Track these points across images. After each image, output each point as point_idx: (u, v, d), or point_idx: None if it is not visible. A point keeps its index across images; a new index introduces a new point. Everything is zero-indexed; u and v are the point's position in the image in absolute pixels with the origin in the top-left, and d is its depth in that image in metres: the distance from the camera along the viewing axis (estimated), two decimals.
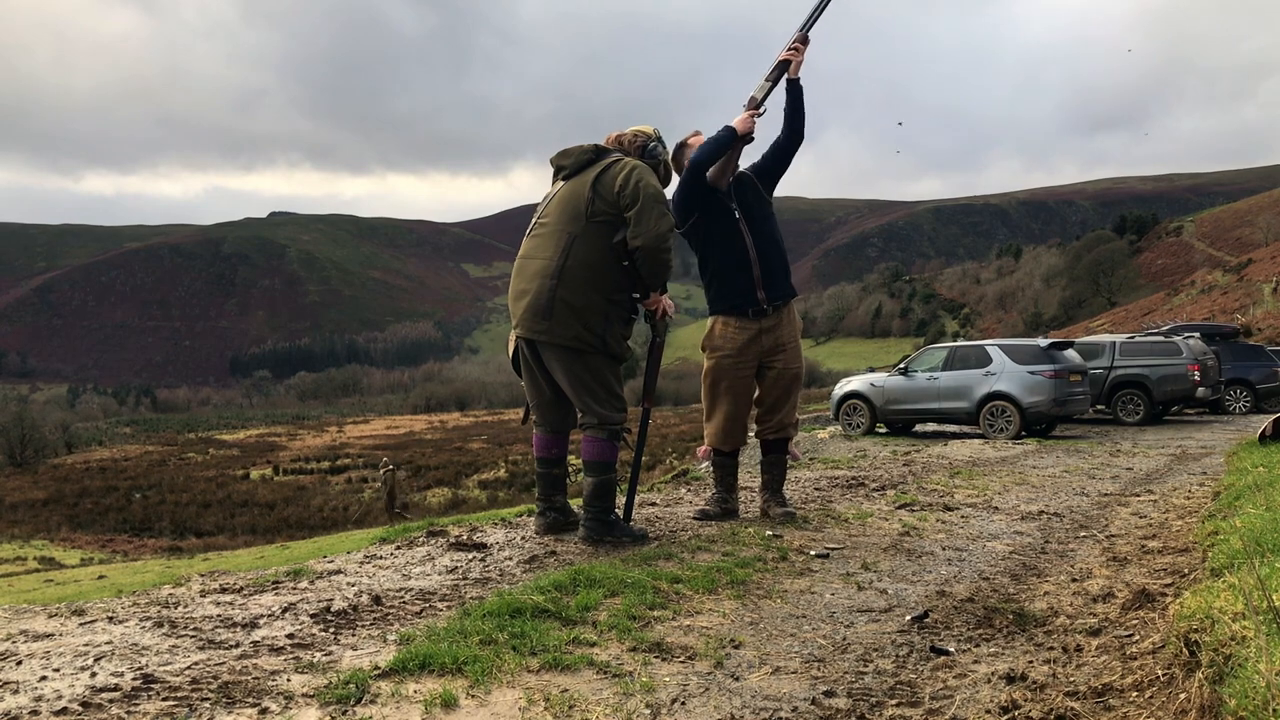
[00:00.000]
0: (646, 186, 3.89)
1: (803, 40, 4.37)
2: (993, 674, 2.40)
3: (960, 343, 16.57)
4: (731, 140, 4.34)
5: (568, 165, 4.05)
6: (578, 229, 3.91)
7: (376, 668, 2.28)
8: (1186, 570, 3.48)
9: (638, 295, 4.14)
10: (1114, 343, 15.76)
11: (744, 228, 4.45)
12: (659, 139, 4.22)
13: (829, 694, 2.26)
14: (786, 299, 4.56)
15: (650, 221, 3.84)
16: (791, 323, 4.62)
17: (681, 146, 4.59)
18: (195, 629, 2.63)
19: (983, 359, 13.42)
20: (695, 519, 4.62)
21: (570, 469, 4.53)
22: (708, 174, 4.41)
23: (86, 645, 2.47)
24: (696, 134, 4.60)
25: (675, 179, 4.46)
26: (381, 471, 21.52)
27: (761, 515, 4.66)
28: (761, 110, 4.40)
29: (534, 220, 4.14)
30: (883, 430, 14.46)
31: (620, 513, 4.20)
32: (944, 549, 4.11)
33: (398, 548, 3.95)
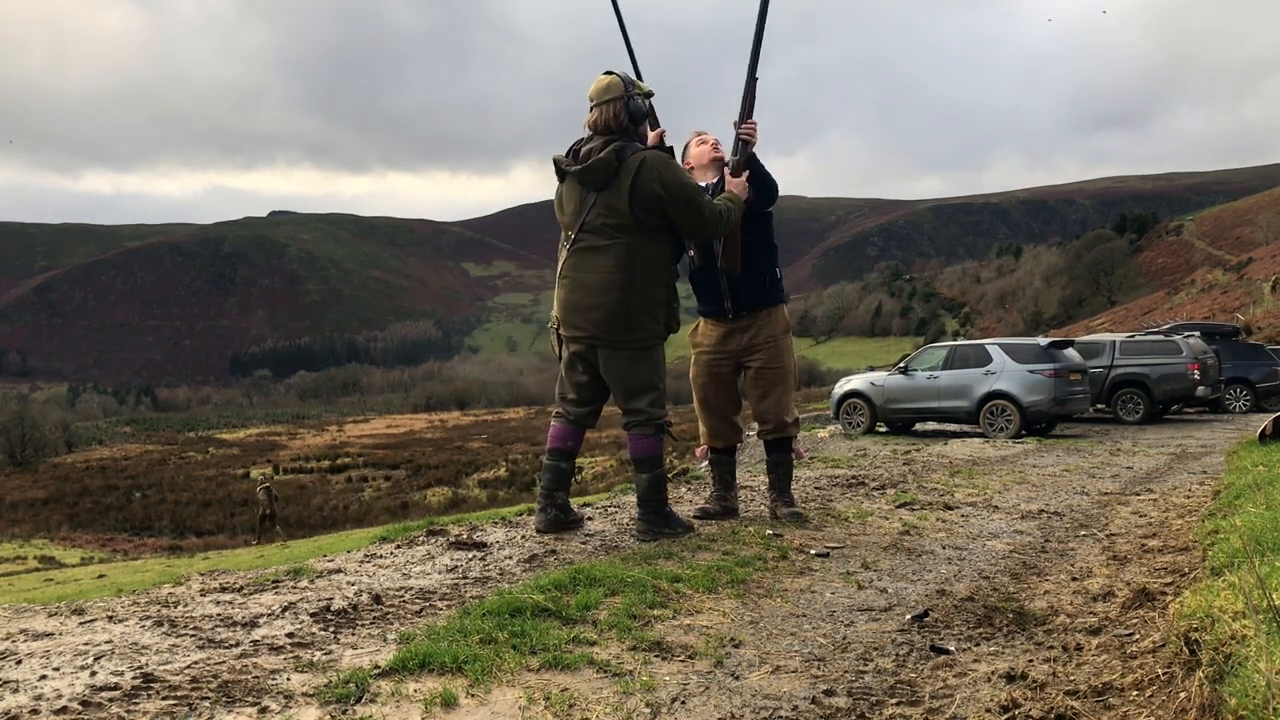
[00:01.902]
0: (684, 202, 3.95)
1: (749, 114, 4.40)
2: (993, 673, 2.40)
3: (960, 342, 16.57)
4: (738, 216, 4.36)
5: (598, 180, 3.98)
6: (633, 239, 3.96)
7: (376, 667, 2.28)
8: (1186, 569, 3.48)
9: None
10: (1114, 342, 15.76)
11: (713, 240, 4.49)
12: (628, 89, 4.03)
13: (829, 693, 2.26)
14: (756, 309, 4.57)
15: (708, 222, 4.04)
16: (770, 324, 4.59)
17: (683, 150, 4.61)
18: (195, 628, 2.63)
19: (983, 358, 13.42)
20: (695, 518, 4.62)
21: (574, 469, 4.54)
22: (724, 264, 4.44)
23: (86, 644, 2.47)
24: (694, 134, 4.60)
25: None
26: (259, 490, 21.60)
27: (771, 516, 4.66)
28: (743, 171, 4.42)
29: (571, 233, 4.09)
30: (883, 429, 14.45)
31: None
32: (944, 548, 4.11)
33: (398, 547, 3.95)
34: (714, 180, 4.52)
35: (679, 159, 4.53)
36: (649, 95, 4.15)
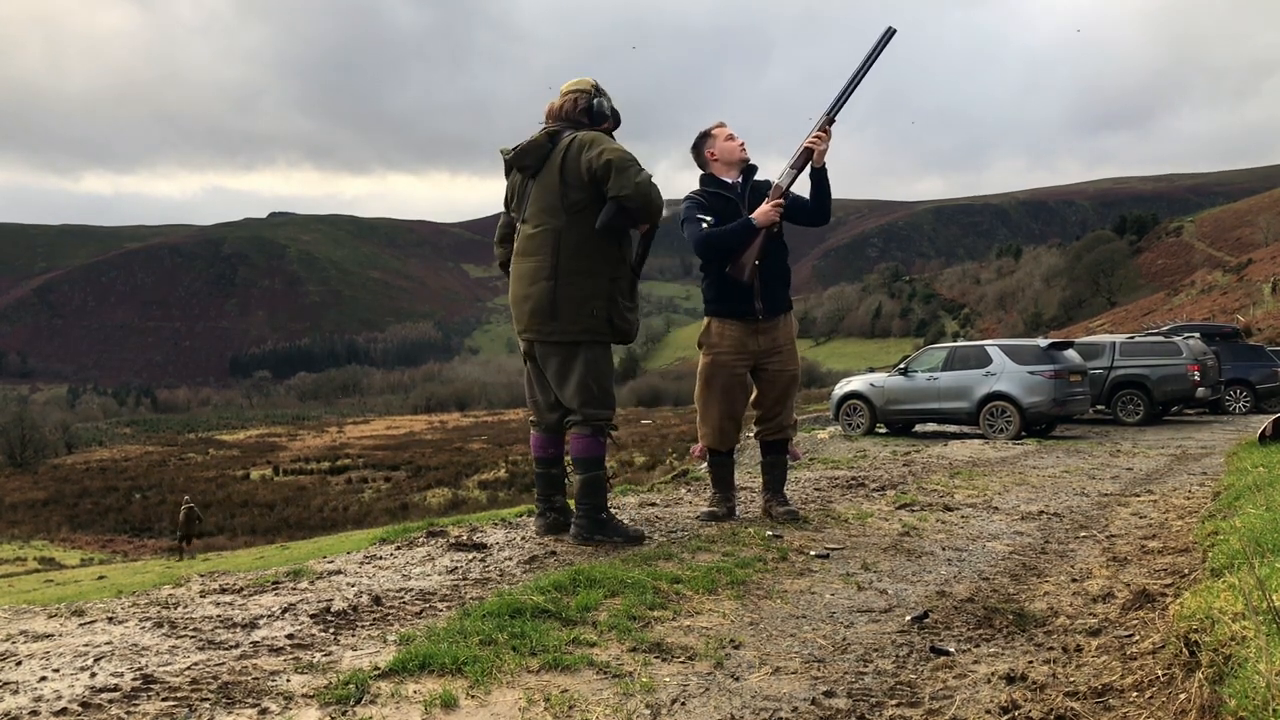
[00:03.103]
0: (609, 154, 3.77)
1: (827, 124, 4.33)
2: (993, 674, 2.40)
3: (960, 343, 16.57)
4: (753, 233, 4.32)
5: (530, 164, 3.94)
6: (560, 223, 3.87)
7: (376, 668, 2.28)
8: (1186, 570, 3.47)
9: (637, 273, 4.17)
10: (1114, 343, 15.76)
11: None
12: (598, 90, 4.02)
13: (829, 694, 2.26)
14: (778, 311, 4.58)
15: (629, 178, 3.75)
16: (787, 326, 4.65)
17: (705, 136, 4.54)
18: (195, 629, 2.63)
19: (983, 359, 13.42)
20: (698, 519, 4.61)
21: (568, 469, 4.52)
22: (732, 269, 4.37)
23: (86, 645, 2.47)
24: (720, 125, 4.57)
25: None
26: (183, 507, 21.97)
27: (764, 515, 4.66)
28: (785, 200, 4.37)
29: (516, 220, 4.09)
30: (883, 430, 14.46)
31: (613, 511, 4.20)
32: (944, 549, 4.11)
33: (398, 548, 3.95)
34: (735, 179, 4.51)
35: (701, 147, 4.53)
36: (616, 115, 4.06)
